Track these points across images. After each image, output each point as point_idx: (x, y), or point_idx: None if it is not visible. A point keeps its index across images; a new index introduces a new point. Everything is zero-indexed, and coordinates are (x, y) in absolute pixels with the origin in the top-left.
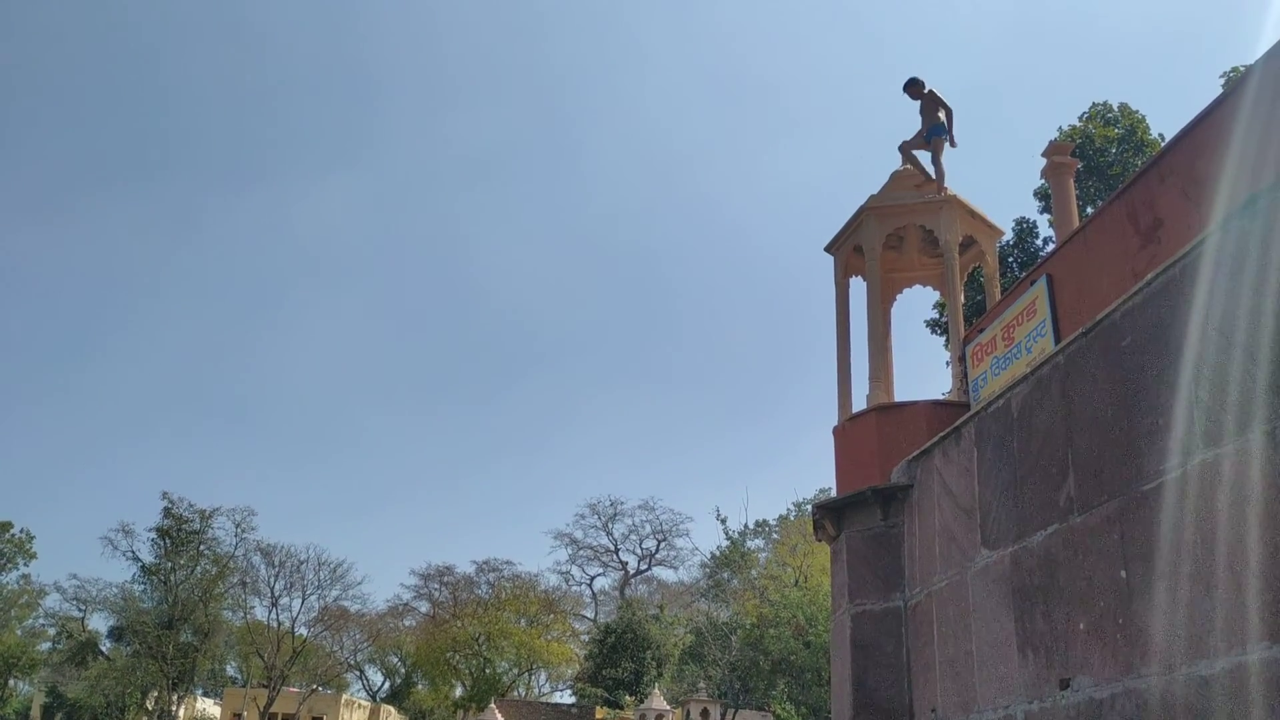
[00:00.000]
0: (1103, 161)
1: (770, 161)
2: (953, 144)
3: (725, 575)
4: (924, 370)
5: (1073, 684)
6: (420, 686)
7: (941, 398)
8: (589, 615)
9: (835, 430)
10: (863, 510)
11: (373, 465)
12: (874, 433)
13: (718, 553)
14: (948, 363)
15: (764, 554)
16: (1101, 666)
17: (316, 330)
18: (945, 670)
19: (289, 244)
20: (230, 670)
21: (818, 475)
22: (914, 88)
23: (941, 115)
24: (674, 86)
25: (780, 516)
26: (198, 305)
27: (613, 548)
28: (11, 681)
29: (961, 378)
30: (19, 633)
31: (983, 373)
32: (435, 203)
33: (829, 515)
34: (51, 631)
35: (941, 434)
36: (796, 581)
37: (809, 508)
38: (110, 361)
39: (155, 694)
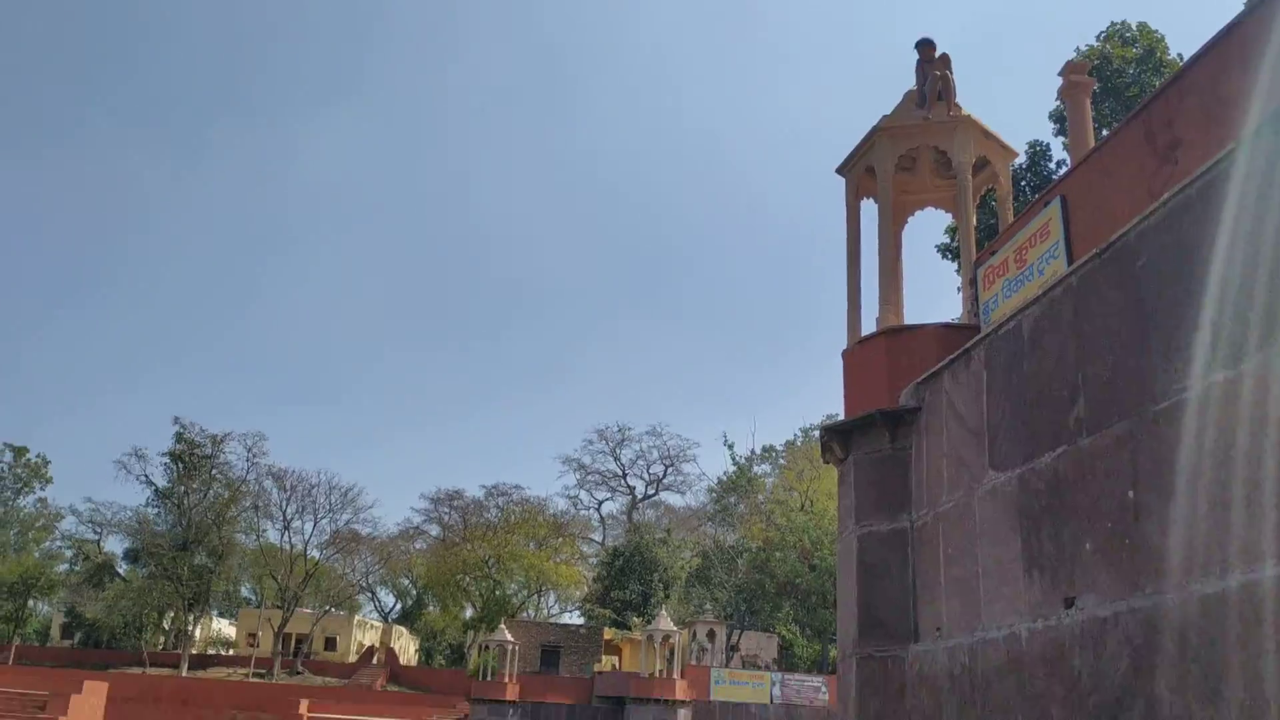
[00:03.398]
0: (1120, 83)
1: (770, 91)
2: (930, 106)
3: (732, 500)
4: (934, 296)
5: (1078, 603)
6: (431, 608)
7: (952, 321)
8: (597, 539)
9: (844, 354)
10: (871, 433)
11: (382, 393)
12: (883, 356)
13: (725, 478)
14: (958, 288)
15: (771, 479)
16: (1107, 585)
17: (325, 263)
18: (951, 590)
19: (296, 177)
20: (245, 592)
21: (825, 402)
22: (927, 49)
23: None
24: (670, 17)
25: (787, 442)
26: (208, 235)
27: (620, 473)
28: (31, 602)
29: (972, 301)
30: (37, 555)
31: (994, 295)
32: (440, 139)
33: (837, 438)
34: (68, 553)
35: (951, 357)
36: (803, 506)
37: (816, 433)
38: (122, 290)
39: (171, 614)
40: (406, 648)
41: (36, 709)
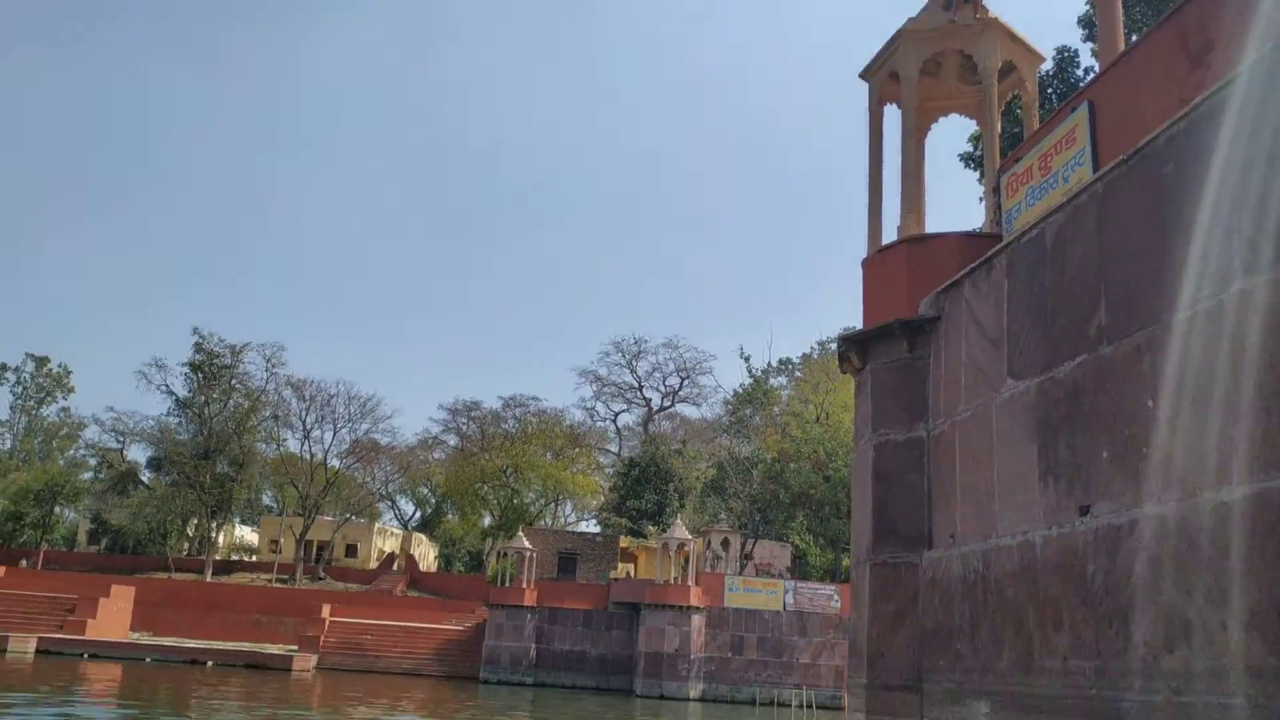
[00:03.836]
0: None
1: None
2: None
3: (748, 412)
4: (955, 208)
5: (1092, 510)
6: (450, 516)
7: (973, 230)
8: (613, 450)
9: (864, 262)
10: (889, 342)
11: (399, 304)
12: (903, 265)
13: (741, 390)
14: (981, 198)
15: (786, 391)
16: (1122, 493)
17: (341, 172)
18: (966, 498)
19: (309, 81)
20: (266, 499)
21: (842, 316)
22: None
23: None
24: None
25: (803, 355)
26: (222, 141)
27: (637, 385)
28: (57, 509)
29: (995, 209)
30: (61, 463)
31: (1017, 204)
32: (456, 40)
33: (855, 347)
34: (92, 462)
35: (972, 265)
36: (818, 418)
37: (833, 346)
38: (140, 198)
39: (195, 521)
40: (426, 554)
41: (66, 612)
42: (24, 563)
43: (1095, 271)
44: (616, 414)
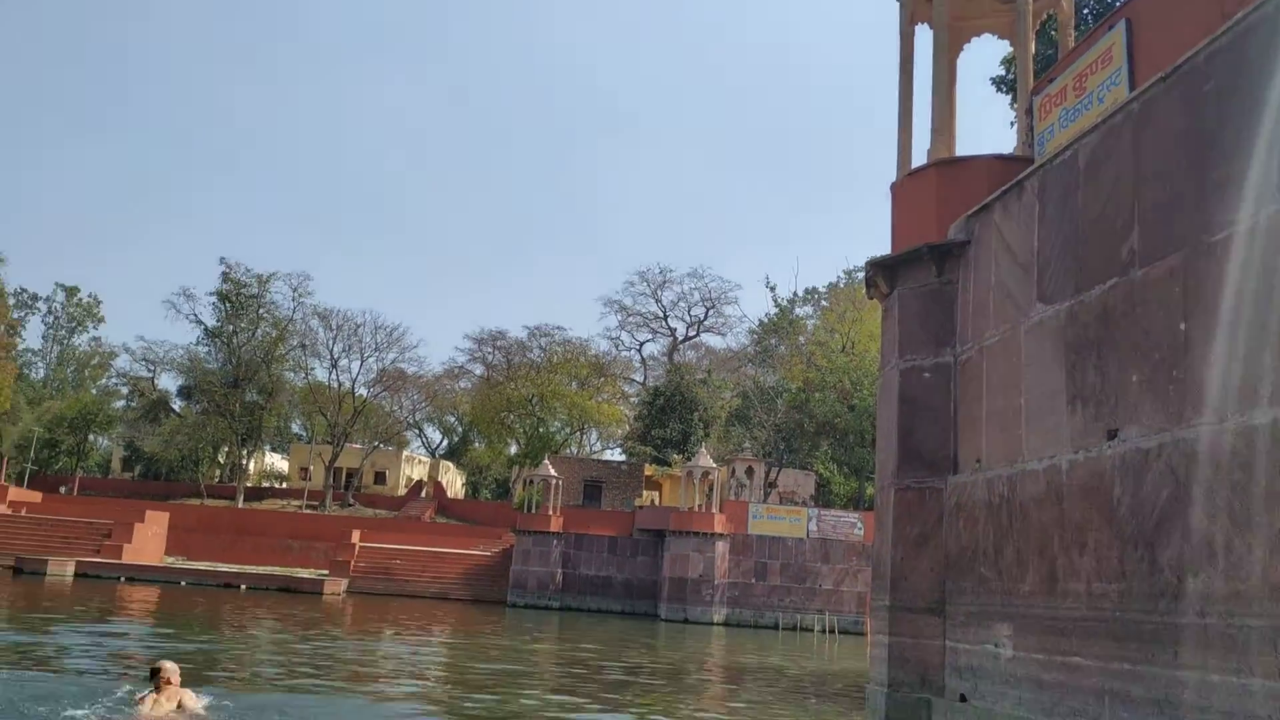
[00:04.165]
0: None
1: None
2: None
3: (773, 341)
4: (986, 137)
5: (1120, 434)
6: (477, 444)
7: (1005, 153)
8: (638, 379)
9: (893, 186)
10: (917, 267)
11: (424, 233)
12: (932, 188)
13: (766, 320)
14: (1012, 123)
15: (812, 321)
16: (1151, 417)
17: (366, 96)
18: (992, 423)
19: (337, 4)
20: (295, 427)
21: (869, 245)
22: None
23: None
24: None
25: (830, 284)
26: (246, 62)
27: (661, 314)
28: (91, 437)
29: (1027, 131)
30: (94, 391)
31: (1050, 125)
32: None
33: (882, 272)
34: (124, 390)
35: (1003, 188)
36: (844, 348)
37: (860, 274)
38: (168, 127)
39: (226, 449)
40: (453, 482)
41: (103, 537)
42: (63, 489)
43: (1129, 193)
44: (641, 344)
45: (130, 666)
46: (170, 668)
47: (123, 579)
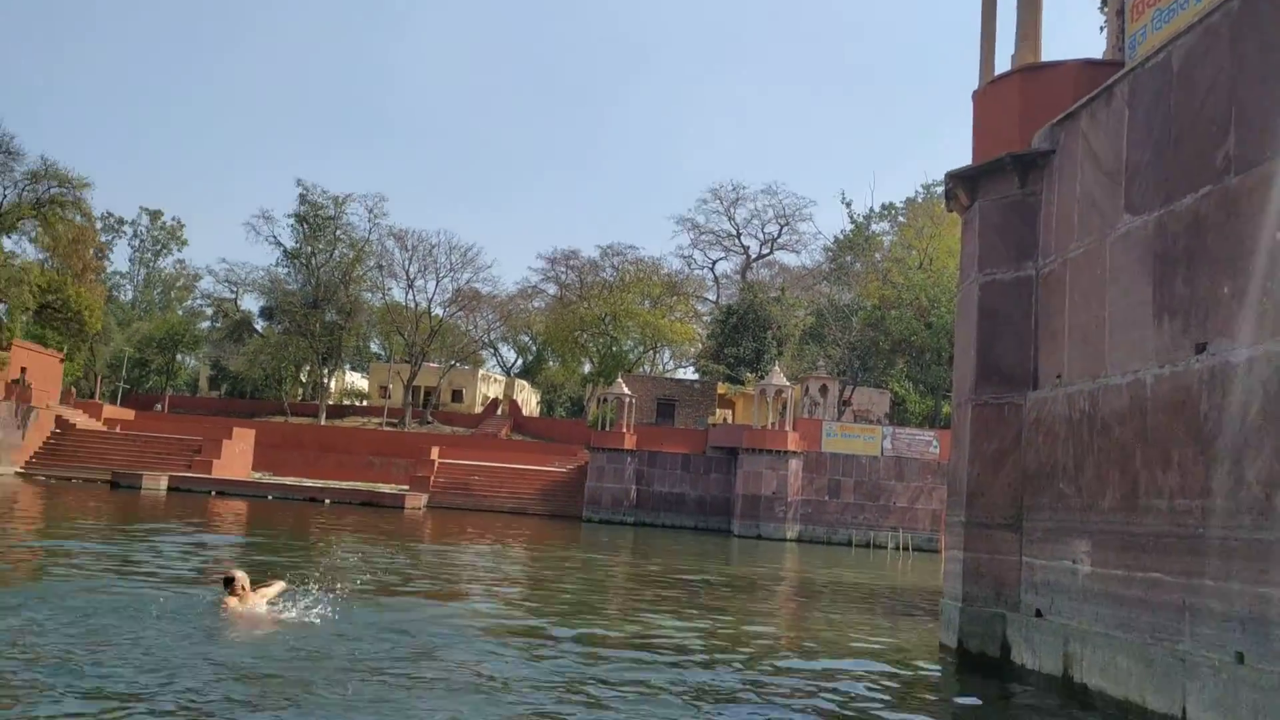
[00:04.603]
0: None
1: None
2: None
3: (848, 259)
4: (1074, 41)
5: (1209, 348)
6: (551, 363)
7: (1093, 58)
8: (710, 298)
9: (975, 95)
10: (999, 177)
11: (496, 153)
12: (1016, 96)
13: (841, 236)
14: (1102, 27)
15: (889, 238)
16: (1243, 330)
17: (439, 19)
18: (1074, 337)
19: None
20: (374, 347)
21: (949, 158)
22: None
23: None
24: None
25: (907, 200)
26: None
27: (734, 232)
28: (179, 356)
29: (1118, 34)
30: (180, 312)
31: (1142, 27)
32: None
33: (963, 184)
34: (208, 311)
35: (1091, 94)
36: (921, 264)
37: (939, 189)
38: (246, 53)
39: (307, 368)
40: (528, 400)
41: (193, 453)
42: (158, 407)
43: (1225, 97)
44: (714, 262)
45: (219, 573)
46: (241, 576)
47: (213, 493)
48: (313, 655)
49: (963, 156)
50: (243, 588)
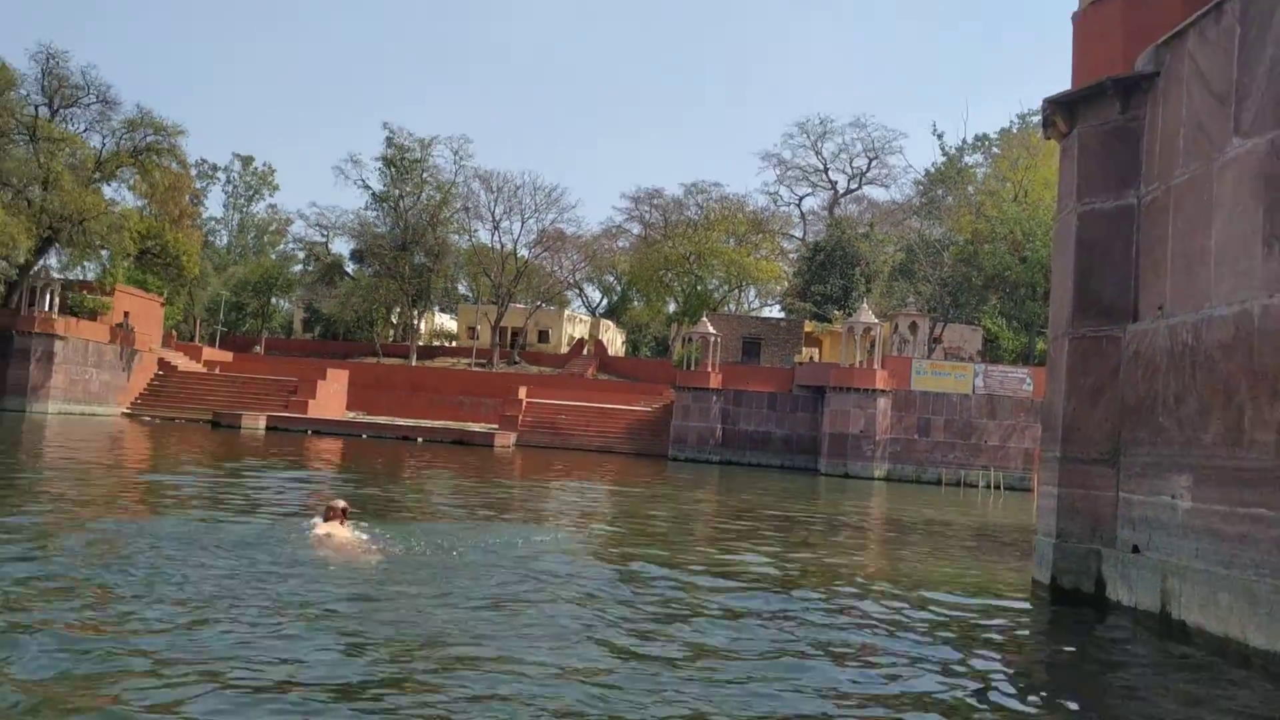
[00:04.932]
0: None
1: None
2: None
3: (939, 192)
4: None
5: None
6: (636, 303)
7: None
8: (797, 234)
9: (1075, 17)
10: (1100, 103)
11: (581, 91)
12: (1119, 17)
13: (932, 170)
14: None
15: (982, 170)
16: None
17: None
18: (1178, 267)
19: None
20: (462, 288)
21: (1046, 86)
22: None
23: None
24: None
25: (1002, 130)
26: None
27: (822, 167)
28: (273, 299)
29: None
30: (273, 256)
31: None
32: None
33: (1061, 110)
34: (300, 255)
35: (1199, 12)
36: (1015, 197)
37: (1035, 118)
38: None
39: (398, 309)
40: (614, 340)
41: (289, 393)
42: (257, 349)
43: None
44: (801, 198)
45: (319, 504)
46: (341, 504)
47: (309, 432)
48: (407, 580)
49: (1061, 83)
50: (342, 516)
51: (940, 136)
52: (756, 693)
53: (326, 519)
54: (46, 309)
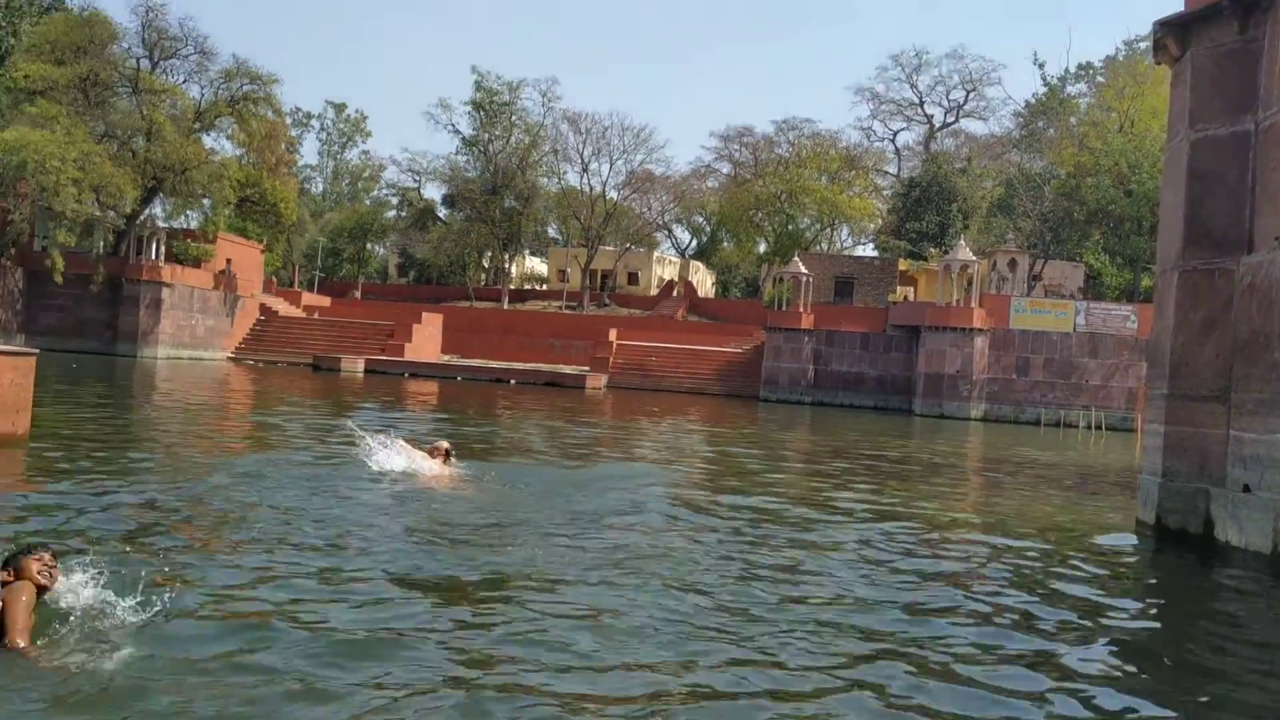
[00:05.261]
0: None
1: None
2: None
3: (1040, 124)
4: None
5: None
6: (725, 243)
7: None
8: (891, 171)
9: None
10: (1215, 23)
11: (669, 27)
12: None
13: (1033, 101)
14: None
15: (1085, 100)
16: None
17: None
18: None
19: None
20: (552, 232)
21: (1153, 6)
22: None
23: None
24: None
25: (1107, 58)
26: None
27: (917, 101)
28: (368, 245)
29: None
30: (368, 202)
31: None
32: None
33: (1173, 33)
34: (394, 200)
35: None
36: (1121, 127)
37: (1142, 44)
38: None
39: (489, 253)
40: (703, 281)
41: (386, 337)
42: (355, 294)
43: None
44: (895, 133)
45: (420, 442)
46: (445, 444)
47: (406, 375)
48: (505, 511)
49: (1171, 6)
50: (445, 454)
51: (1041, 66)
52: (853, 630)
53: (431, 457)
54: (153, 257)
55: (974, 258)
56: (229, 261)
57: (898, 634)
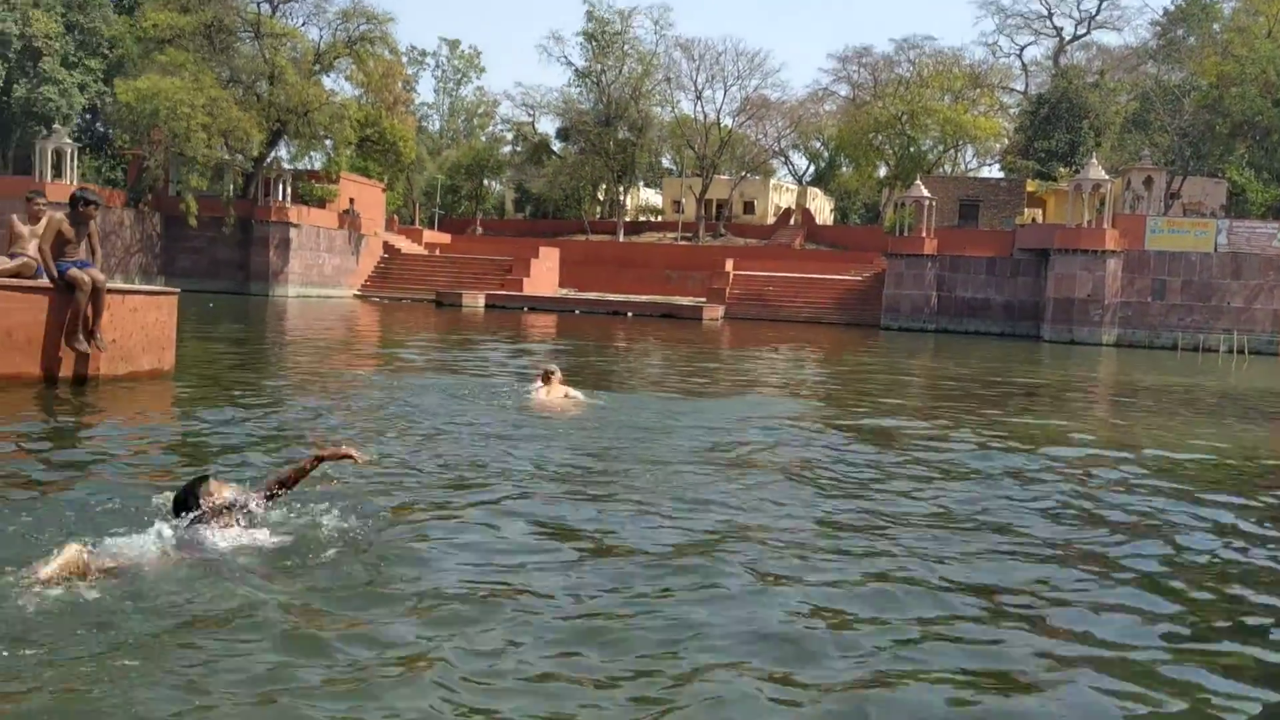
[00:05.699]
0: None
1: None
2: None
3: (1180, 33)
4: None
5: None
6: (844, 169)
7: None
8: (1018, 88)
9: None
10: None
11: None
12: None
13: (1172, 8)
14: None
15: (1230, 4)
16: None
17: None
18: None
19: None
20: (666, 162)
21: None
22: None
23: None
24: None
25: None
26: None
27: (1046, 12)
28: (485, 181)
29: None
30: (483, 138)
31: None
32: None
33: None
34: (509, 135)
35: None
36: (1270, 32)
37: None
38: None
39: (604, 186)
40: (822, 208)
41: (504, 272)
42: (477, 230)
43: None
44: (1022, 48)
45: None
46: (555, 369)
47: (525, 309)
48: (617, 439)
49: None
50: (556, 380)
51: None
52: (993, 555)
53: (545, 383)
54: (280, 199)
55: (1106, 176)
56: (352, 201)
57: (1043, 554)
